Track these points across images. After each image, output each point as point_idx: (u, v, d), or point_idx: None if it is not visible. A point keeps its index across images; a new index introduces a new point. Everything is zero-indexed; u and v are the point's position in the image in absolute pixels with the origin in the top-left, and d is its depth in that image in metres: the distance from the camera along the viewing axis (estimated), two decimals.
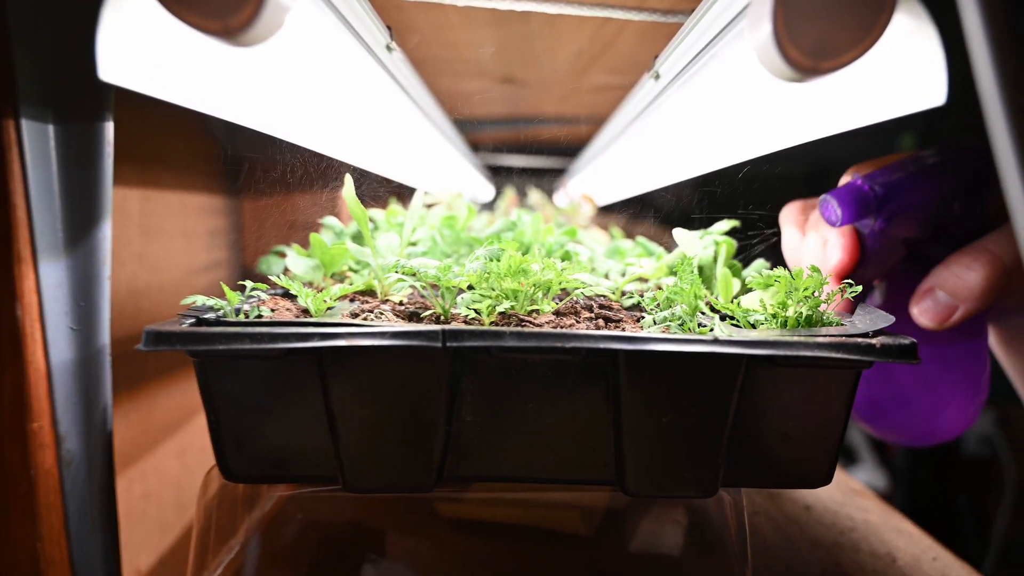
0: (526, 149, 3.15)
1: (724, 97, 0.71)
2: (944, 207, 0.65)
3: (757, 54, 0.48)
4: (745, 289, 0.77)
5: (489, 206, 2.63)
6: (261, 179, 1.34)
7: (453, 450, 0.63)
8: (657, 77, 0.83)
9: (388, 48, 0.78)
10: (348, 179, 0.77)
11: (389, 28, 0.79)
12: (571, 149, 2.67)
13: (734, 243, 0.86)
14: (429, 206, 1.60)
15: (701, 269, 0.87)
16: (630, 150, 1.27)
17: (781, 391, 0.61)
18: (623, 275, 0.91)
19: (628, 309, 0.77)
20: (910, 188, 0.63)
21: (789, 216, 0.81)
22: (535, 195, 2.01)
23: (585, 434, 0.63)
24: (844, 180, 0.69)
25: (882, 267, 0.70)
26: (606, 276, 0.93)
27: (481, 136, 2.80)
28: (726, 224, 0.90)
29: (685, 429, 0.61)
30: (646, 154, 1.21)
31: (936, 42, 0.44)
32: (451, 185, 1.87)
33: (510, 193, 2.14)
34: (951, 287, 0.63)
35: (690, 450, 0.61)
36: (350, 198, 0.76)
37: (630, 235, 1.57)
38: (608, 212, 2.49)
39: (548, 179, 3.07)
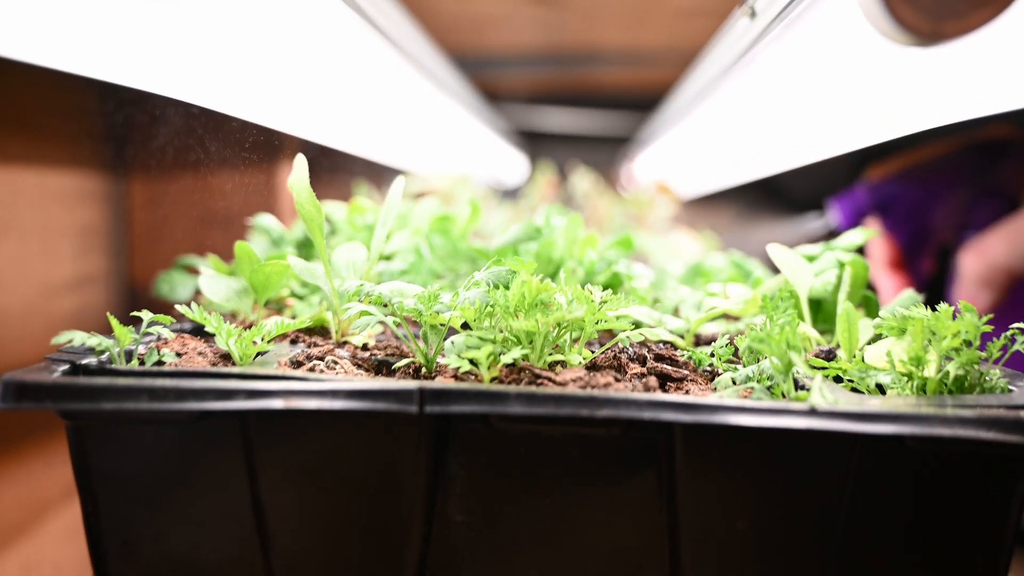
0: (571, 102, 3.26)
1: (840, 51, 0.80)
2: (964, 202, 1.10)
3: (863, 12, 0.57)
4: (878, 335, 0.85)
5: (514, 194, 2.73)
6: (161, 148, 1.45)
7: (434, 563, 0.71)
8: (753, 15, 0.93)
9: None
10: (300, 160, 0.86)
11: None
12: (641, 103, 2.77)
13: (867, 265, 0.94)
14: (420, 196, 1.71)
15: (819, 304, 0.96)
16: (721, 117, 1.36)
17: (914, 485, 0.69)
18: (701, 309, 0.99)
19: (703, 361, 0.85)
20: (911, 193, 1.09)
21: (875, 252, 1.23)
22: (582, 177, 2.09)
23: (627, 544, 0.71)
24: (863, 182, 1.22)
25: (928, 257, 1.20)
26: (675, 312, 1.02)
27: (503, 83, 2.91)
28: (860, 235, 0.98)
29: (771, 539, 0.68)
30: (742, 126, 1.30)
31: None
32: (453, 164, 1.98)
33: (545, 174, 2.23)
34: (961, 276, 1.06)
35: (779, 569, 0.69)
36: (300, 190, 0.86)
37: (731, 244, 1.66)
38: (704, 206, 2.57)
39: (605, 150, 3.17)
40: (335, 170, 1.63)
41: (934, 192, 1.11)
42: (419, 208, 1.14)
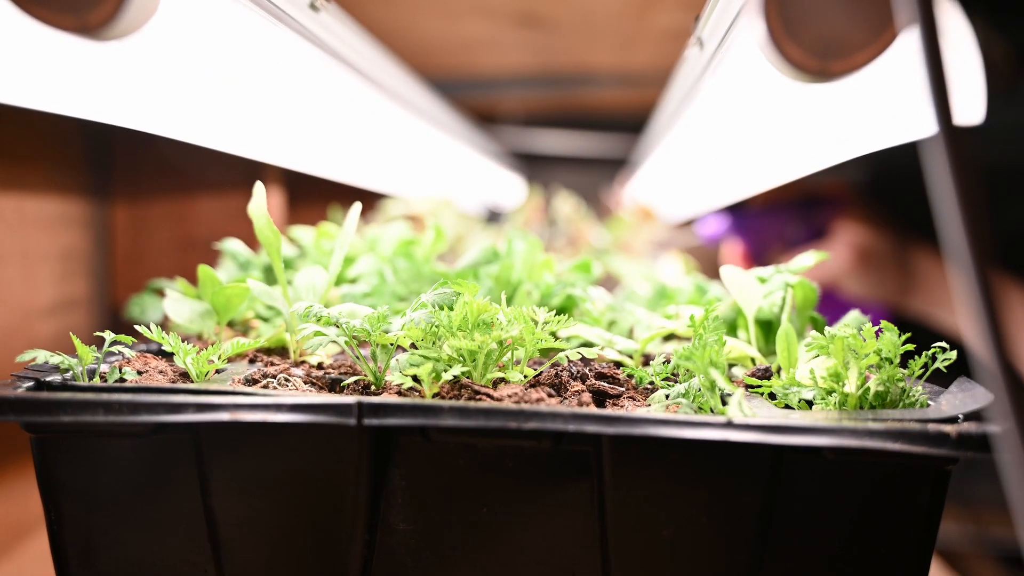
0: (568, 124, 3.33)
1: (755, 81, 0.87)
2: (796, 231, 1.88)
3: (760, 50, 0.64)
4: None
5: (508, 218, 2.80)
6: (144, 173, 1.52)
7: (378, 569, 0.78)
8: (701, 45, 1.00)
9: (313, 7, 0.96)
10: (258, 188, 0.93)
11: None
12: (637, 125, 2.84)
13: (815, 287, 1.00)
14: (411, 219, 1.78)
15: (769, 325, 1.02)
16: (685, 143, 1.43)
17: (836, 495, 0.75)
18: (652, 330, 1.06)
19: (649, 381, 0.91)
20: (761, 222, 1.89)
21: None
22: (564, 201, 2.15)
23: (560, 552, 0.77)
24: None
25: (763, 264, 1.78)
26: (629, 333, 1.09)
27: (498, 106, 2.99)
28: (812, 258, 1.05)
29: (694, 546, 0.75)
30: (701, 151, 1.37)
31: (971, 44, 0.59)
32: (441, 189, 2.06)
33: (534, 197, 2.30)
34: None
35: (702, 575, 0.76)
36: (258, 217, 0.93)
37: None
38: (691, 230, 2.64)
39: (605, 172, 3.24)
40: (326, 197, 1.71)
41: (777, 222, 1.85)
42: (387, 232, 1.21)
